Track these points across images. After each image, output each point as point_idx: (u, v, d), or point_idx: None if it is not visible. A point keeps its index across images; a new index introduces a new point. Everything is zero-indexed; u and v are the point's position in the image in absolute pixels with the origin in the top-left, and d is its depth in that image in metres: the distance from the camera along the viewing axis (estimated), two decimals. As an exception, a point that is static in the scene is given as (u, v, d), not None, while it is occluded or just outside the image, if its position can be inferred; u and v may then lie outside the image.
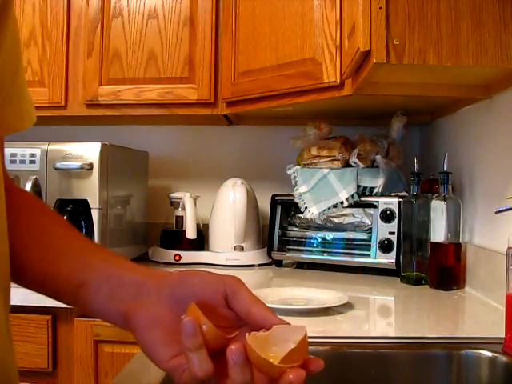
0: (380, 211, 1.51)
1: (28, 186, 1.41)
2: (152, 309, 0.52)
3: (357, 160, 1.56)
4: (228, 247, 1.70)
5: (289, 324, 0.48)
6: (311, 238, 1.65)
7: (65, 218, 1.38)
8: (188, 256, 1.71)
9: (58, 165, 1.44)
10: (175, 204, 1.80)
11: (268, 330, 0.48)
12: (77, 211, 1.45)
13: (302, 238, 1.66)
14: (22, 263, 0.58)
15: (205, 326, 0.47)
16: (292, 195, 1.66)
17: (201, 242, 1.77)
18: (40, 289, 0.60)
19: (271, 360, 0.45)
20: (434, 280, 1.36)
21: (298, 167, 1.67)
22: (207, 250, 1.75)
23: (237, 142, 2.02)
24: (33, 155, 1.46)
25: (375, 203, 1.53)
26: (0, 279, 0.49)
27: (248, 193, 1.71)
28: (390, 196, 1.54)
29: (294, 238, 1.70)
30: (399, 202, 1.49)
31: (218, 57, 1.68)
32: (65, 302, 0.60)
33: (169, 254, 1.72)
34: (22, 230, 0.59)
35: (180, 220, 1.77)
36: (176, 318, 0.50)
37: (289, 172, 1.68)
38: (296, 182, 1.65)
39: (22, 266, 0.58)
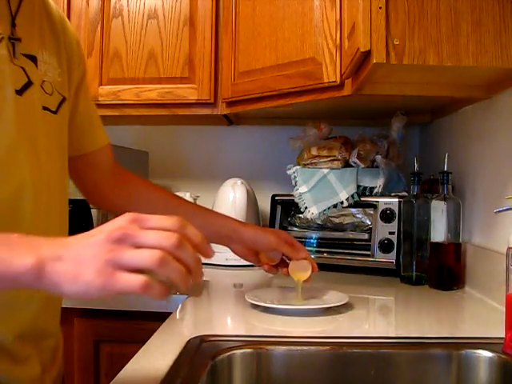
0: (380, 211, 1.51)
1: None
2: (240, 246, 1.15)
3: (357, 160, 1.56)
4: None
5: (303, 259, 1.13)
6: (311, 238, 1.65)
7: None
8: (188, 256, 1.71)
9: (58, 165, 1.43)
10: (175, 204, 1.80)
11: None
12: (77, 211, 1.45)
13: (301, 237, 1.66)
14: None
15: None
16: (292, 195, 1.66)
17: (201, 241, 1.76)
18: None
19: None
20: (434, 280, 1.36)
21: (298, 167, 1.67)
22: (207, 249, 1.75)
23: (237, 142, 2.02)
24: (33, 155, 1.46)
25: (375, 203, 1.53)
26: None
27: (248, 193, 1.70)
28: (390, 196, 1.53)
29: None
30: (399, 202, 1.49)
31: (218, 57, 1.68)
32: None
33: (169, 254, 1.71)
34: (160, 204, 1.11)
35: (180, 220, 1.77)
36: (251, 250, 1.15)
37: (289, 172, 1.68)
38: (296, 182, 1.65)
39: None
